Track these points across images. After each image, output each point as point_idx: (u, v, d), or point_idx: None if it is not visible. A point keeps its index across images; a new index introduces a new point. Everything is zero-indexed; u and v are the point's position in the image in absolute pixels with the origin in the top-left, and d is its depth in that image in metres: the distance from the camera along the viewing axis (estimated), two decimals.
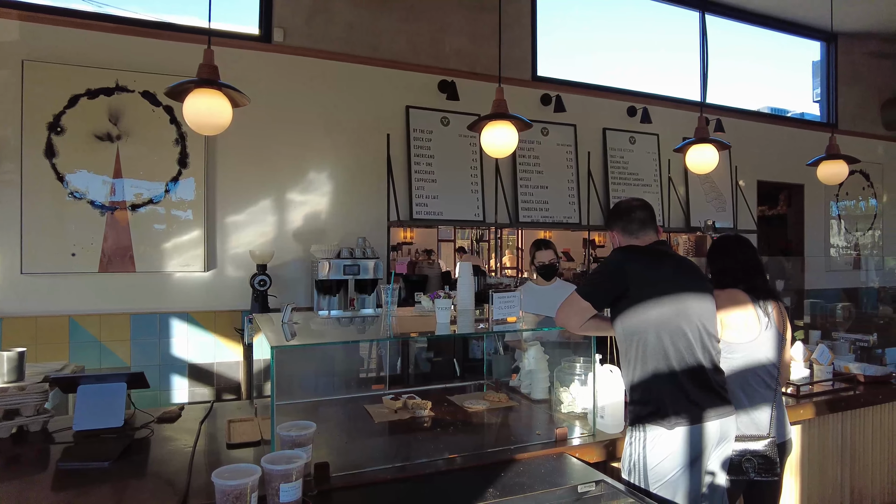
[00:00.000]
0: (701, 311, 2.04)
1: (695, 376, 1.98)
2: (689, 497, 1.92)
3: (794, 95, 9.73)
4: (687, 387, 1.96)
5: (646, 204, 2.23)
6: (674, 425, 1.92)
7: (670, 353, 1.96)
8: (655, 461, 1.92)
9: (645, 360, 1.98)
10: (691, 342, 1.99)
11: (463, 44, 5.34)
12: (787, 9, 6.86)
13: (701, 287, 2.10)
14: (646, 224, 2.17)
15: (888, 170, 8.04)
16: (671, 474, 1.91)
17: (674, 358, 1.96)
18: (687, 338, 1.98)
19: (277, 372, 2.08)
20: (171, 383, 4.21)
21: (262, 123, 4.48)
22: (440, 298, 2.28)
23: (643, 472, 1.94)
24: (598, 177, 5.90)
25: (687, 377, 1.96)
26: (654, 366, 1.97)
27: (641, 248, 2.13)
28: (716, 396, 2.01)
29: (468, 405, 2.60)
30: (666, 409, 1.93)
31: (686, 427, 1.92)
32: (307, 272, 4.57)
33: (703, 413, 1.95)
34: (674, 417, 1.92)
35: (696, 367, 1.98)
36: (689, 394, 1.95)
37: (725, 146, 3.85)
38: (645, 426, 1.96)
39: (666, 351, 1.96)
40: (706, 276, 2.23)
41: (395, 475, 1.90)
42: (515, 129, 2.95)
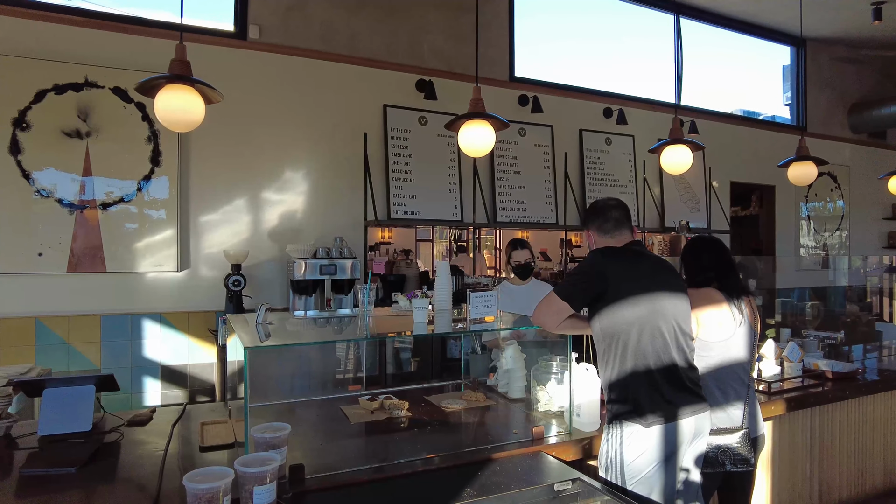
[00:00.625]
0: (676, 310, 2.07)
1: (670, 375, 2.00)
2: (664, 493, 1.94)
3: (766, 98, 9.94)
4: (663, 386, 1.98)
5: (621, 203, 2.24)
6: (651, 423, 1.94)
7: (648, 353, 1.98)
8: (632, 458, 1.94)
9: (623, 360, 1.99)
10: (668, 342, 2.01)
11: (441, 43, 5.33)
12: (758, 14, 7.00)
13: (676, 287, 2.13)
14: (621, 224, 2.18)
15: (854, 172, 8.26)
16: (647, 470, 1.93)
17: (651, 357, 1.98)
18: (664, 337, 2.01)
19: (252, 373, 2.04)
20: (143, 386, 4.12)
21: (237, 121, 4.42)
22: (417, 298, 2.27)
23: (620, 469, 1.95)
24: (575, 177, 5.94)
25: (663, 376, 1.99)
26: (633, 365, 1.99)
27: (619, 249, 2.14)
28: (690, 394, 2.04)
29: (445, 405, 2.59)
30: (643, 408, 1.95)
31: (662, 425, 1.95)
32: (283, 272, 4.52)
33: (678, 411, 1.98)
34: (651, 416, 1.94)
35: (671, 366, 2.01)
36: (664, 393, 1.97)
37: (699, 147, 3.91)
38: (622, 424, 1.98)
39: (644, 350, 1.98)
40: (680, 275, 2.25)
41: (372, 476, 1.89)
42: (493, 129, 2.95)
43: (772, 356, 3.28)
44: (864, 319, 5.10)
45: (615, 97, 6.33)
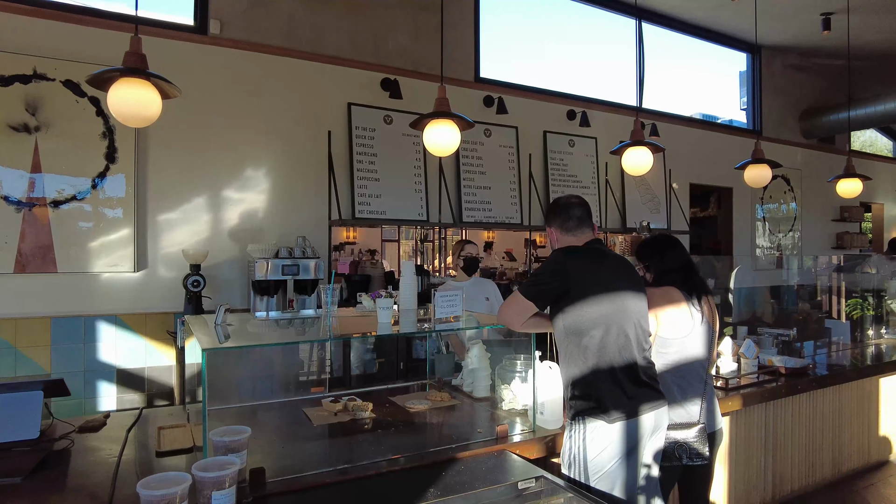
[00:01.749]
0: (638, 308, 2.11)
1: (631, 372, 2.04)
2: (625, 488, 1.97)
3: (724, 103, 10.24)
4: (624, 382, 2.02)
5: (583, 202, 2.27)
6: (614, 419, 1.97)
7: (611, 350, 2.02)
8: (595, 453, 1.96)
9: (587, 357, 2.02)
10: (630, 340, 2.05)
11: (406, 42, 5.31)
12: (716, 21, 7.20)
13: (637, 285, 2.17)
14: (583, 222, 2.22)
15: (806, 175, 8.58)
16: (609, 466, 1.96)
17: (614, 355, 2.02)
18: (626, 336, 2.05)
19: (211, 375, 1.99)
20: (97, 390, 3.97)
21: (197, 118, 4.31)
22: (381, 298, 2.25)
23: (583, 465, 1.98)
24: (539, 178, 6.00)
25: (625, 373, 2.02)
26: (596, 362, 2.01)
27: (582, 248, 2.17)
28: (649, 389, 2.08)
29: (410, 405, 2.58)
30: (606, 404, 1.98)
31: (624, 421, 1.98)
32: (244, 273, 4.42)
33: (639, 406, 2.02)
34: (614, 412, 1.97)
35: (632, 364, 2.05)
36: (626, 389, 2.01)
37: (660, 149, 3.99)
38: (585, 420, 2.00)
39: (608, 348, 2.01)
40: (639, 274, 2.31)
41: (334, 478, 1.86)
42: (458, 129, 2.95)
43: (729, 353, 3.37)
44: (814, 317, 5.30)
45: (579, 100, 6.42)
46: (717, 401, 2.54)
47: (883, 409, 4.05)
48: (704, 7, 6.76)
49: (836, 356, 4.21)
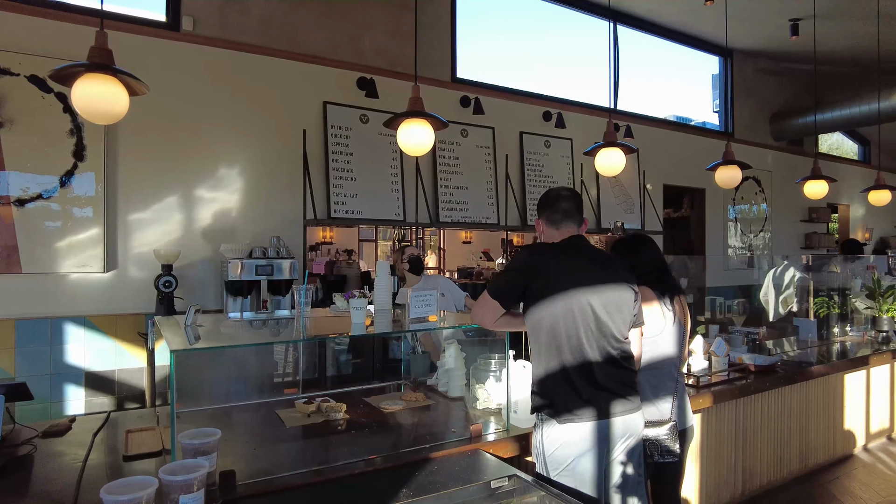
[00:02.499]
0: (605, 307, 2.01)
1: (587, 374, 1.97)
2: (595, 485, 1.97)
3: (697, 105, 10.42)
4: (578, 384, 1.96)
5: (573, 195, 2.21)
6: (564, 421, 1.95)
7: (563, 351, 1.97)
8: (551, 449, 1.98)
9: (539, 355, 2.02)
10: (583, 340, 1.97)
11: (383, 42, 5.30)
12: (690, 24, 7.32)
13: (611, 282, 2.06)
14: (569, 216, 2.15)
15: (776, 177, 8.77)
16: (568, 462, 1.96)
17: (566, 355, 1.97)
18: (579, 336, 1.97)
19: (182, 377, 1.96)
20: (64, 394, 3.88)
21: (169, 116, 4.24)
22: (355, 298, 2.24)
23: (543, 459, 2.00)
24: (516, 179, 6.03)
25: (579, 374, 1.96)
26: (547, 362, 2.00)
27: (547, 245, 2.14)
28: (610, 393, 1.99)
29: (384, 406, 2.57)
30: (557, 405, 1.97)
31: (576, 423, 1.95)
32: (217, 273, 4.36)
33: (596, 410, 1.96)
34: (565, 413, 1.95)
35: (589, 365, 1.97)
36: (580, 391, 1.96)
37: (632, 150, 4.04)
38: (541, 415, 2.02)
39: (559, 348, 1.98)
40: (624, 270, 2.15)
41: (306, 480, 1.85)
42: (432, 128, 2.95)
43: (700, 351, 3.43)
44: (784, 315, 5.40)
45: (554, 101, 6.47)
46: (688, 398, 2.58)
47: (847, 405, 4.16)
48: (678, 11, 6.87)
49: (804, 353, 4.31)
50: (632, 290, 2.10)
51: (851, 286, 5.09)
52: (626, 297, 2.07)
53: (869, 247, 10.84)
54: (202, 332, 2.36)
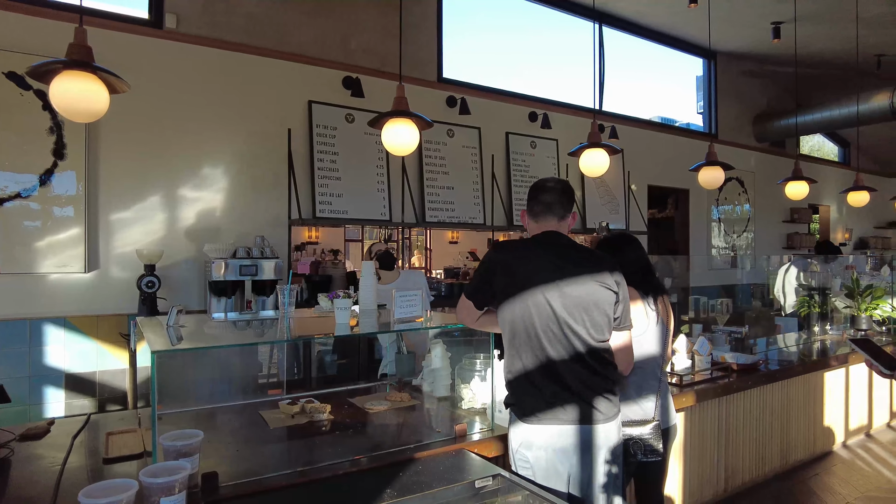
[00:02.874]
0: (569, 307, 1.90)
1: (553, 375, 1.91)
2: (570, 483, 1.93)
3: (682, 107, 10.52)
4: (542, 385, 1.91)
5: (558, 186, 2.07)
6: (528, 421, 1.93)
7: (526, 350, 1.94)
8: (516, 446, 1.98)
9: (508, 354, 2.01)
10: (550, 339, 1.91)
11: (370, 41, 5.28)
12: (674, 26, 7.39)
13: (579, 281, 1.93)
14: (549, 209, 2.04)
15: (759, 178, 8.88)
16: (529, 463, 1.94)
17: (529, 355, 1.93)
18: (538, 335, 1.91)
19: (164, 379, 1.94)
20: (43, 396, 3.82)
21: (152, 114, 4.19)
22: (339, 298, 2.23)
23: (512, 455, 2.02)
24: (502, 179, 6.05)
25: (543, 376, 1.91)
26: (512, 361, 1.99)
27: (513, 242, 2.10)
28: (581, 399, 1.90)
29: (369, 406, 2.56)
30: (522, 404, 1.96)
31: (539, 426, 1.91)
32: (200, 273, 4.32)
33: (561, 415, 1.90)
34: (529, 414, 1.94)
35: (554, 365, 1.91)
36: (543, 392, 1.91)
37: (616, 151, 4.07)
38: (510, 412, 2.03)
39: (520, 347, 1.94)
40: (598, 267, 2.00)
41: (289, 481, 1.84)
42: (416, 128, 2.95)
43: (684, 350, 3.46)
44: (766, 314, 5.48)
45: (540, 101, 6.50)
46: (671, 397, 2.60)
47: (827, 402, 4.22)
48: (663, 13, 6.93)
49: (786, 352, 4.37)
50: (607, 290, 1.95)
51: (831, 286, 5.17)
52: (597, 298, 1.94)
53: (848, 247, 11.02)
54: (185, 333, 2.33)
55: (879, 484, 3.69)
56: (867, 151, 11.14)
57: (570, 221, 2.09)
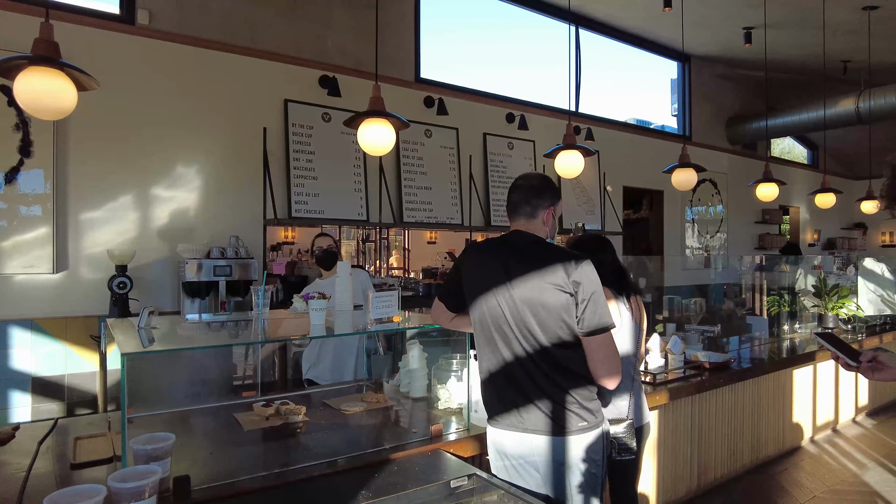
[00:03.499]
0: (523, 307, 1.82)
1: (510, 378, 1.87)
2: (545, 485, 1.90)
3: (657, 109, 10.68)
4: (501, 387, 1.90)
5: (525, 184, 1.97)
6: (493, 423, 1.94)
7: (486, 351, 1.93)
8: (489, 446, 2.00)
9: (477, 353, 2.02)
10: (506, 341, 1.86)
11: (346, 40, 5.26)
12: (649, 30, 7.49)
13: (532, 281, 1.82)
14: (516, 208, 1.96)
15: (731, 180, 9.06)
16: (500, 466, 1.95)
17: (489, 356, 1.92)
18: (493, 338, 1.89)
19: (135, 381, 1.91)
20: (8, 401, 3.72)
21: (124, 112, 4.12)
22: (314, 299, 2.21)
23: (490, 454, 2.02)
24: (479, 179, 6.07)
25: (502, 378, 1.89)
26: (479, 361, 1.99)
27: (479, 244, 2.06)
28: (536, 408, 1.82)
29: (345, 408, 2.55)
30: (486, 405, 1.97)
31: (501, 430, 1.90)
32: (173, 273, 4.26)
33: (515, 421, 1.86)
34: (493, 416, 1.94)
35: (510, 369, 1.86)
36: (502, 395, 1.90)
37: (591, 152, 4.11)
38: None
39: (482, 348, 1.95)
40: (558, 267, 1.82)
41: (262, 484, 1.82)
42: (393, 128, 2.94)
43: (657, 349, 3.51)
44: (738, 314, 5.58)
45: (517, 103, 6.54)
46: (644, 396, 2.64)
47: (796, 399, 4.33)
48: (638, 16, 7.02)
49: (757, 350, 4.46)
50: (560, 291, 1.78)
51: (800, 285, 5.29)
52: (545, 300, 1.79)
53: (817, 247, 11.30)
54: (157, 335, 2.30)
55: (844, 478, 3.79)
56: (834, 154, 11.43)
57: (544, 217, 1.95)
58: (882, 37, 6.63)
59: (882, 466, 3.99)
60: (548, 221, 1.97)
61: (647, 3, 6.34)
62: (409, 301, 5.43)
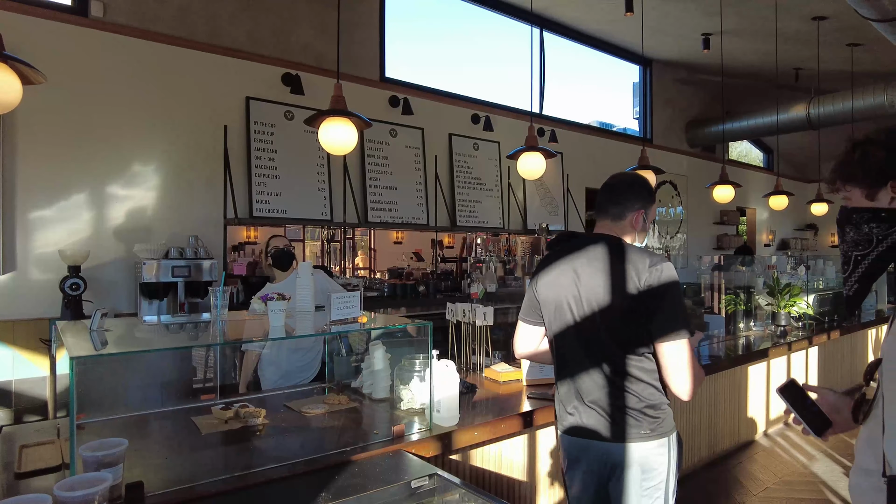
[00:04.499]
0: (591, 311, 1.77)
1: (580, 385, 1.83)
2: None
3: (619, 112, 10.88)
4: (565, 395, 1.89)
5: (611, 182, 1.93)
6: (561, 428, 1.93)
7: (561, 360, 1.91)
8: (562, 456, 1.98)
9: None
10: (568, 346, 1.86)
11: (310, 38, 5.20)
12: (612, 34, 7.63)
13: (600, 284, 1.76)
14: (599, 209, 1.92)
15: (691, 182, 9.29)
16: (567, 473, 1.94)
17: (559, 360, 1.91)
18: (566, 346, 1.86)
19: (88, 386, 1.85)
20: None
21: (77, 107, 3.98)
22: (273, 301, 2.18)
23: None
24: (445, 180, 6.08)
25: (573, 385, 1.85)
26: (556, 369, 1.96)
27: (551, 250, 2.00)
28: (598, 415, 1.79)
29: (306, 410, 2.52)
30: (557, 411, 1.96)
31: (567, 436, 1.90)
32: (130, 274, 4.14)
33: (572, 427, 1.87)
34: (558, 421, 1.94)
35: (582, 376, 1.82)
36: (565, 403, 1.89)
37: (552, 154, 4.17)
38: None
39: (560, 357, 1.92)
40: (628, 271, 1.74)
41: (219, 488, 1.78)
42: (355, 127, 2.92)
43: None
44: (697, 312, 5.73)
45: (483, 104, 6.57)
46: None
47: (750, 394, 4.47)
48: (601, 20, 7.15)
49: (716, 348, 4.58)
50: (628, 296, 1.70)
51: (755, 284, 5.46)
52: (614, 304, 1.73)
53: (771, 248, 11.69)
54: (111, 337, 2.23)
55: (795, 469, 3.94)
56: (788, 158, 11.85)
57: (633, 220, 1.86)
58: (830, 46, 6.90)
59: (829, 457, 4.16)
60: (636, 224, 1.87)
61: (610, 7, 6.46)
62: (376, 302, 5.40)
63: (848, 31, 6.56)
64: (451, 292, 5.96)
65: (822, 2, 5.79)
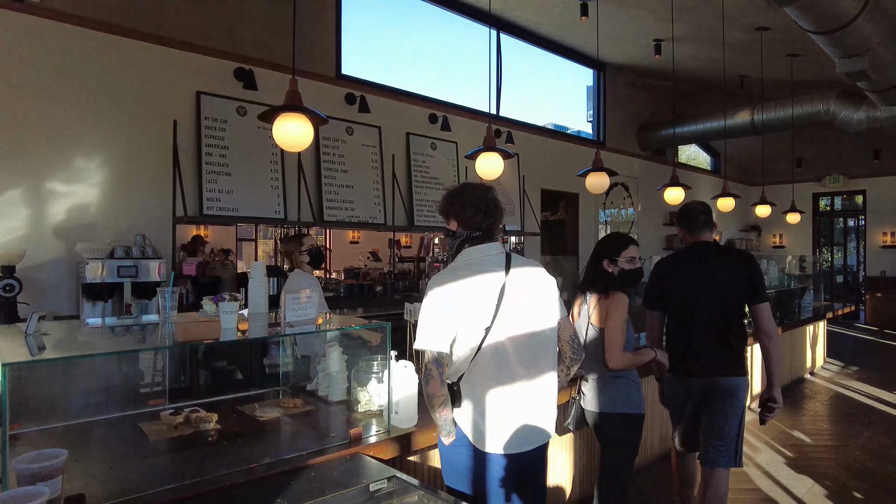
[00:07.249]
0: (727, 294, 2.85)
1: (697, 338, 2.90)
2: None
3: (574, 114, 11.08)
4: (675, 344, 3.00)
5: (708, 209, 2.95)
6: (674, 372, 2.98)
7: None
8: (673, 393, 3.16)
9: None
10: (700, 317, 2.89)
11: (262, 32, 5.08)
12: (566, 37, 7.76)
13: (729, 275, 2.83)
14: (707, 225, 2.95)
15: (642, 184, 9.55)
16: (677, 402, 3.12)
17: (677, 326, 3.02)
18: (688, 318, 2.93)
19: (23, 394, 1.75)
20: None
21: (11, 98, 3.77)
22: (225, 302, 2.11)
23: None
24: (403, 179, 6.05)
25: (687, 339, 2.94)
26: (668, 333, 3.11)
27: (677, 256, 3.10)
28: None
29: (260, 414, 2.46)
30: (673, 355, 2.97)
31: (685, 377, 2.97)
32: (72, 275, 3.94)
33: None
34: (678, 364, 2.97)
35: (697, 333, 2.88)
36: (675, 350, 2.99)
37: (510, 155, 4.20)
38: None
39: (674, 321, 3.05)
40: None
41: (166, 498, 1.71)
42: (310, 124, 2.86)
43: None
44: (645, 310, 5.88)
45: (440, 104, 6.57)
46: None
47: None
48: (556, 24, 7.25)
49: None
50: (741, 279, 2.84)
51: None
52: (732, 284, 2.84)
53: None
54: (49, 342, 2.12)
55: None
56: (734, 162, 12.33)
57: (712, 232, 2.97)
58: (773, 55, 7.21)
59: (771, 448, 4.34)
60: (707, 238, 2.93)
61: (565, 11, 6.56)
62: (332, 302, 5.31)
63: (788, 42, 6.87)
64: (409, 292, 5.93)
65: (766, 13, 6.04)
